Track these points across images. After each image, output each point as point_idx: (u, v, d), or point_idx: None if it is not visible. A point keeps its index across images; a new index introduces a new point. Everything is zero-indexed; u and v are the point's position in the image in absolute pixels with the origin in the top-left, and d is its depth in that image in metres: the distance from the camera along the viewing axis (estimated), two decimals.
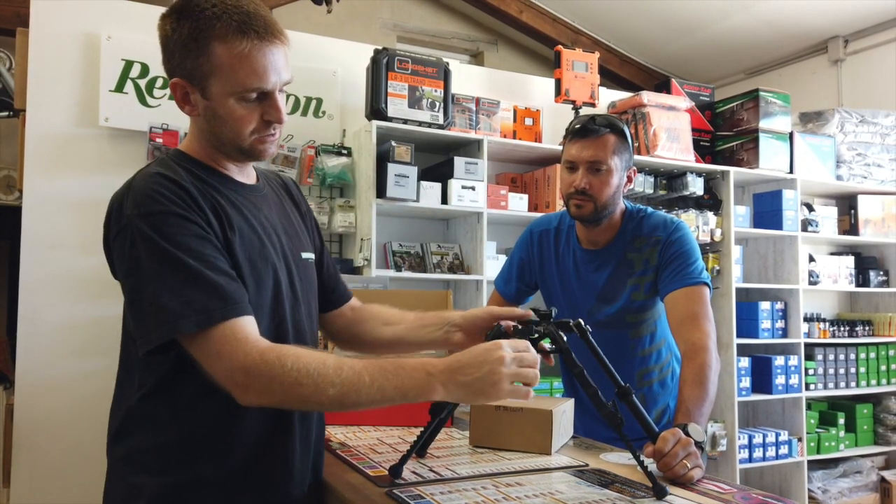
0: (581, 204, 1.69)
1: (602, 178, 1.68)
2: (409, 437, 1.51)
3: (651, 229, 1.74)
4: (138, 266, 1.01)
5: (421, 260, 3.13)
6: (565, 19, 5.34)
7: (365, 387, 0.99)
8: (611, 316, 1.76)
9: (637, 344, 1.78)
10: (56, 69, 2.68)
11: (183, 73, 1.07)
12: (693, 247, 1.70)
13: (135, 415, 1.09)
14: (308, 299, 1.24)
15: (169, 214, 1.02)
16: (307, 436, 1.19)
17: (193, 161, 1.14)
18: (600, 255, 1.78)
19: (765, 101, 3.67)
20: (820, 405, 4.06)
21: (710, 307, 1.62)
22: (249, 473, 1.10)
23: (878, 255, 4.26)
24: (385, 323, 1.40)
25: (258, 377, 0.97)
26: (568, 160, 1.72)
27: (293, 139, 2.98)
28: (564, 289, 1.84)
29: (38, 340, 2.59)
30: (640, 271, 1.73)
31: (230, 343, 0.98)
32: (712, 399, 1.45)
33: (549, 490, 1.14)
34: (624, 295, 1.74)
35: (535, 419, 1.39)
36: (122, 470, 1.11)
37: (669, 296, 1.65)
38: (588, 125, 1.69)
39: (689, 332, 1.55)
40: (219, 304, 0.99)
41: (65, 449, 2.58)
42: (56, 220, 2.64)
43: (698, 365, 1.47)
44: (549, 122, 3.54)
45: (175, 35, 1.06)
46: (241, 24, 1.04)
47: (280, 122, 1.12)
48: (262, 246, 1.14)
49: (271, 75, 1.07)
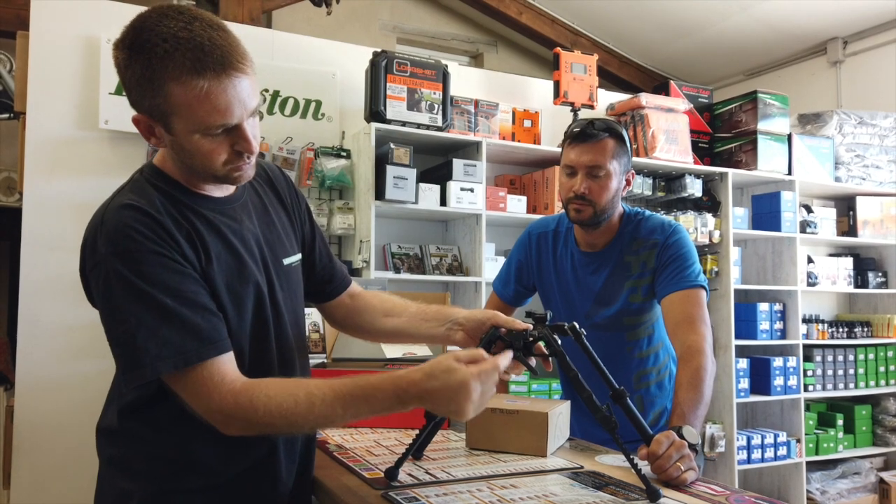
0: (580, 208, 1.70)
1: (601, 182, 1.68)
2: (406, 439, 1.52)
3: (649, 232, 1.75)
4: (114, 305, 1.00)
5: (420, 262, 3.14)
6: (564, 21, 5.35)
7: (338, 417, 1.02)
8: (608, 318, 1.76)
9: (634, 346, 1.78)
10: (56, 72, 2.69)
11: (142, 109, 1.02)
12: (690, 250, 1.71)
13: (119, 428, 1.11)
14: (293, 306, 1.24)
15: (144, 252, 0.99)
16: (291, 443, 1.21)
17: (169, 181, 1.10)
18: (598, 257, 1.79)
19: (763, 103, 3.68)
20: (818, 406, 4.06)
21: (706, 310, 1.63)
22: (235, 482, 1.13)
23: (876, 257, 4.26)
24: (386, 314, 1.39)
25: (234, 418, 1.00)
26: (567, 164, 1.72)
27: (292, 141, 2.99)
28: (562, 291, 1.84)
29: (38, 342, 2.60)
30: (637, 274, 1.74)
31: (206, 386, 0.99)
32: (707, 402, 1.46)
33: (543, 492, 1.15)
34: (621, 297, 1.75)
35: (531, 422, 1.40)
36: (111, 472, 1.13)
37: (666, 298, 1.66)
38: (587, 129, 1.69)
39: (685, 335, 1.56)
40: (195, 345, 0.99)
41: (65, 450, 2.59)
42: (56, 222, 2.65)
43: (694, 368, 1.48)
44: (548, 124, 3.55)
45: (129, 72, 0.99)
46: (196, 61, 0.95)
47: (251, 153, 1.06)
48: (241, 266, 1.11)
49: (235, 109, 1.00)
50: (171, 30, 0.96)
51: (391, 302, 1.41)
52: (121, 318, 0.99)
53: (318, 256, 1.37)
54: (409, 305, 1.39)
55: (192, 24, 0.97)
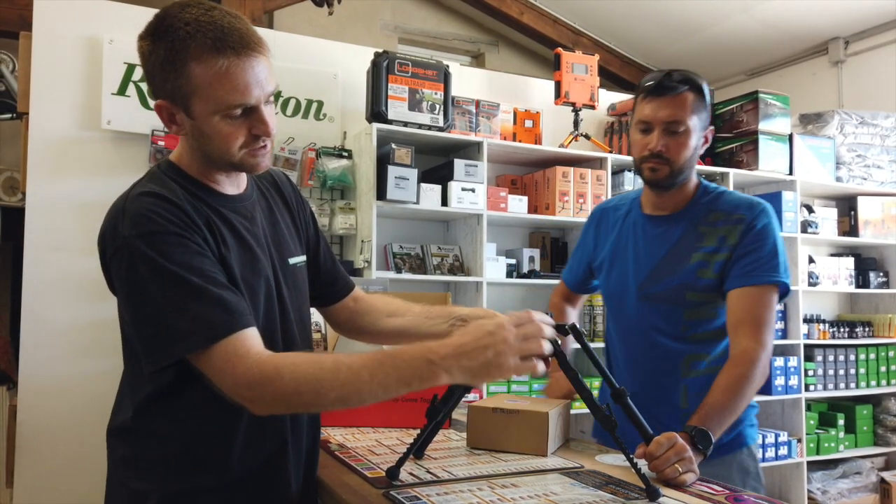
0: (656, 167, 1.55)
1: (679, 139, 1.53)
2: (407, 438, 1.53)
3: (733, 206, 1.58)
4: (140, 287, 1.01)
5: (421, 261, 3.15)
6: (566, 21, 5.35)
7: (365, 384, 0.98)
8: (668, 290, 1.59)
9: (691, 326, 1.59)
10: (59, 72, 2.70)
11: (165, 94, 1.06)
12: (777, 239, 1.55)
13: (133, 426, 1.11)
14: (298, 305, 1.25)
15: (166, 234, 1.02)
16: (298, 443, 1.23)
17: (185, 176, 1.13)
18: (666, 221, 1.63)
19: (764, 103, 3.68)
20: (820, 406, 4.06)
21: (773, 312, 1.51)
22: (247, 481, 1.14)
23: (877, 257, 4.26)
24: (389, 314, 1.40)
25: (261, 389, 0.98)
26: (642, 120, 1.56)
27: (294, 141, 3.00)
28: (619, 260, 1.69)
29: (41, 341, 2.61)
30: (712, 247, 1.56)
31: (231, 360, 0.98)
32: (739, 412, 1.40)
33: (543, 491, 1.15)
34: (688, 269, 1.57)
35: (532, 421, 1.41)
36: (124, 473, 1.13)
37: (735, 291, 1.51)
38: (664, 82, 1.53)
39: (743, 338, 1.46)
40: (224, 318, 1.00)
41: (68, 450, 2.60)
42: (59, 222, 2.66)
43: (738, 374, 1.40)
44: (549, 125, 3.55)
45: (152, 57, 1.04)
46: (217, 41, 1.02)
47: (268, 136, 1.10)
48: (253, 260, 1.14)
49: (254, 90, 1.05)
50: (192, 15, 1.03)
51: (394, 304, 1.42)
52: (147, 299, 1.00)
53: (322, 260, 1.39)
54: (413, 306, 1.40)
55: (212, 11, 1.04)
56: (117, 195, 1.11)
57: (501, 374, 0.98)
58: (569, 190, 3.26)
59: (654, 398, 1.57)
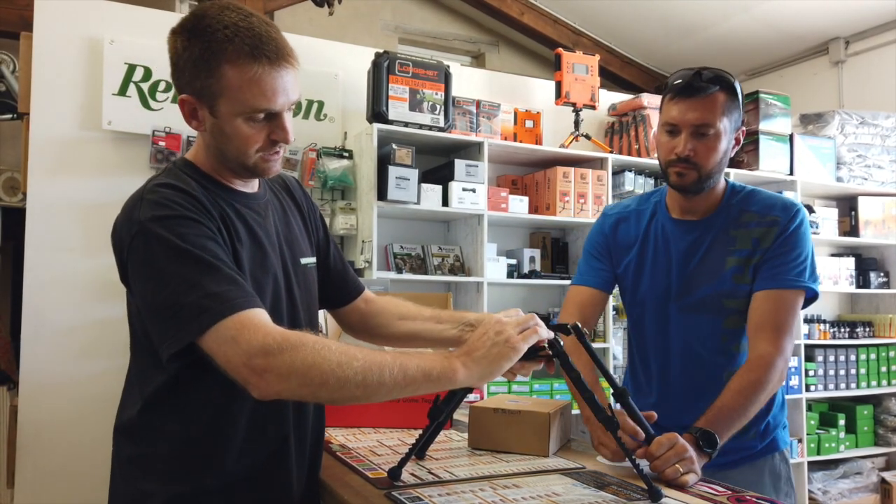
0: (683, 171, 1.46)
1: (709, 143, 1.45)
2: (409, 439, 1.53)
3: (766, 207, 1.52)
4: (157, 268, 1.02)
5: (422, 262, 3.15)
6: (566, 21, 5.35)
7: (387, 364, 0.98)
8: (704, 298, 1.51)
9: (732, 336, 1.52)
10: (59, 73, 2.70)
11: (192, 90, 1.09)
12: (808, 243, 1.49)
13: (140, 423, 1.12)
14: (307, 304, 1.27)
15: (182, 218, 1.04)
16: (302, 441, 1.23)
17: (200, 173, 1.16)
18: (696, 227, 1.55)
19: (765, 103, 3.68)
20: (820, 406, 4.06)
21: (796, 317, 1.47)
22: (251, 481, 1.14)
23: (878, 257, 4.26)
24: (401, 317, 1.41)
25: (278, 359, 0.95)
26: (669, 122, 1.48)
27: (294, 142, 2.98)
28: (646, 268, 1.59)
29: (42, 342, 2.61)
30: (746, 251, 1.49)
31: (248, 328, 0.97)
32: (749, 417, 1.36)
33: (545, 492, 1.15)
34: (724, 275, 1.50)
35: (533, 422, 1.41)
36: (129, 473, 1.13)
37: (760, 293, 1.46)
38: (693, 82, 1.46)
39: (762, 343, 1.42)
40: (239, 294, 1.00)
41: (69, 450, 2.60)
42: (60, 223, 2.66)
43: (752, 379, 1.37)
44: (550, 125, 3.55)
45: (186, 53, 1.07)
46: (254, 48, 1.05)
47: (287, 142, 1.13)
48: (263, 256, 1.16)
49: (280, 97, 1.08)
50: (231, 19, 1.06)
51: (405, 306, 1.43)
52: (165, 280, 1.01)
53: (333, 262, 1.40)
54: (423, 310, 1.41)
55: (250, 17, 1.08)
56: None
57: (512, 350, 1.05)
58: (569, 190, 3.26)
59: (693, 414, 1.39)
